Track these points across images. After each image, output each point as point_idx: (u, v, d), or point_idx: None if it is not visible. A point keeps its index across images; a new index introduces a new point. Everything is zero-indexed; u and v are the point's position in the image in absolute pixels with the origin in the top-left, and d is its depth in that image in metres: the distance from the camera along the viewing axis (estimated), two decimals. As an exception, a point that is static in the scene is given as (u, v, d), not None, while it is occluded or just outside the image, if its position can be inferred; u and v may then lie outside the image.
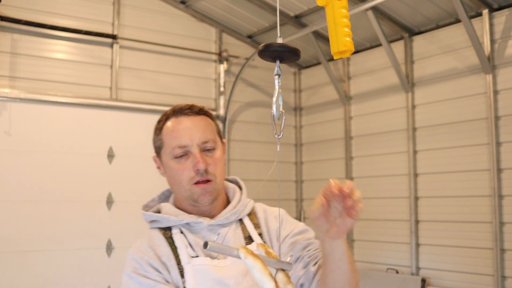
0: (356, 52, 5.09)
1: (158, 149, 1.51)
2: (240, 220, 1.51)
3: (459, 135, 4.20)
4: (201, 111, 1.51)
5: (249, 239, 1.47)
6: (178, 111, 1.49)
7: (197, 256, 1.37)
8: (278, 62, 1.22)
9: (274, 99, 1.21)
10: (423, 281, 4.28)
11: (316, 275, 1.37)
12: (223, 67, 5.32)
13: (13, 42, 4.29)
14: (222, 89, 5.30)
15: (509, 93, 3.90)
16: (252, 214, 1.54)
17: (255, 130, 5.56)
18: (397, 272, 4.55)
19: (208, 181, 1.43)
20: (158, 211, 1.52)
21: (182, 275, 1.34)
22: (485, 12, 4.00)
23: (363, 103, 5.09)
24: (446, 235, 4.25)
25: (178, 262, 1.36)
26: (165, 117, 1.51)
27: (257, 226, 1.51)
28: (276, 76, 1.23)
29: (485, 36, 4.00)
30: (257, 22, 5.24)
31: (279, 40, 1.20)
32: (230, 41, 5.47)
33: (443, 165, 4.30)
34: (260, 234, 1.49)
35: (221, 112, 5.27)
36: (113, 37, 4.72)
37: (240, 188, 1.61)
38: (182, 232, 1.43)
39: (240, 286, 1.36)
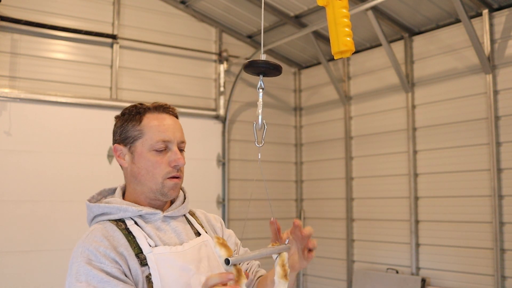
0: (356, 52, 5.09)
1: (131, 139, 1.52)
2: (185, 217, 1.62)
3: (459, 135, 4.20)
4: (177, 115, 1.61)
5: (197, 234, 1.59)
6: (160, 108, 1.55)
7: (156, 246, 1.44)
8: (261, 76, 1.32)
9: (260, 111, 1.31)
10: (423, 281, 4.28)
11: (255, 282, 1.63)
12: (223, 67, 5.32)
13: (13, 42, 4.29)
14: (222, 89, 5.30)
15: (509, 93, 3.90)
16: (193, 215, 1.67)
17: (255, 130, 5.54)
18: (397, 272, 4.55)
19: (178, 177, 1.53)
20: None
21: (141, 265, 1.39)
22: (485, 12, 4.00)
23: (363, 103, 5.09)
24: (446, 235, 4.25)
25: (137, 252, 1.40)
26: (143, 110, 1.54)
27: (201, 224, 1.65)
28: (260, 90, 1.34)
29: (485, 36, 4.00)
30: (257, 22, 5.24)
31: (263, 57, 1.30)
32: (230, 41, 5.47)
33: (443, 165, 4.30)
34: (206, 232, 1.63)
35: (221, 112, 5.27)
36: (113, 37, 4.72)
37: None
38: (136, 224, 1.48)
39: (200, 270, 1.46)
